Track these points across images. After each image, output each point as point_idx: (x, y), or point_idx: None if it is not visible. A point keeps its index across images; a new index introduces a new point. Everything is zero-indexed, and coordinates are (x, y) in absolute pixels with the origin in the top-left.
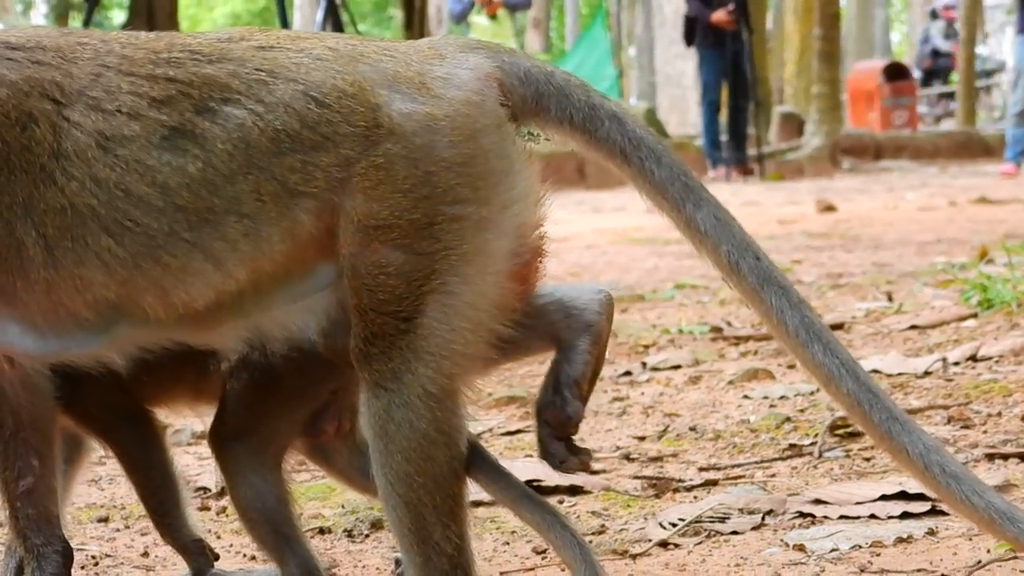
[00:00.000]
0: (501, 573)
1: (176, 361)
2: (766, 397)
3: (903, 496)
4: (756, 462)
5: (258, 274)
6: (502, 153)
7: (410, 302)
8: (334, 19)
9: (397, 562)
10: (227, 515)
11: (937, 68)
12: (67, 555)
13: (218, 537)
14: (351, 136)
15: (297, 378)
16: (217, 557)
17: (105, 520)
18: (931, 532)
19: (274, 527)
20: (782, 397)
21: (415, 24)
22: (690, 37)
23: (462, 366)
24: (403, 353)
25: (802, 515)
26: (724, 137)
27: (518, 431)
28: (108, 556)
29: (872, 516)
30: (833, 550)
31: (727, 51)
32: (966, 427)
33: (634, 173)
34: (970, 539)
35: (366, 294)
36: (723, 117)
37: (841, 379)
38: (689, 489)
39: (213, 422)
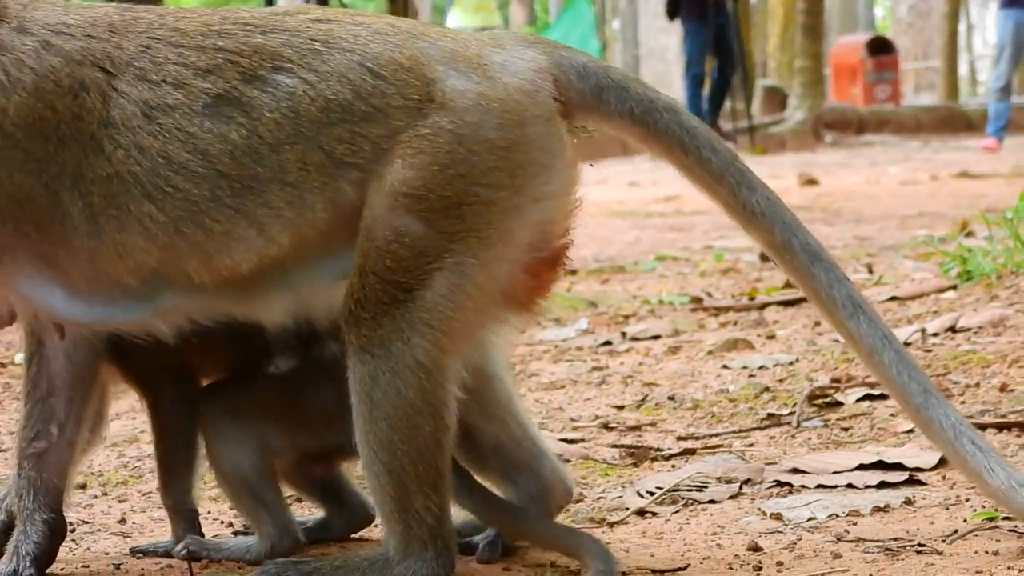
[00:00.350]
0: None
1: (228, 339)
2: (745, 367)
3: (880, 466)
4: (734, 431)
5: (301, 241)
6: (546, 147)
7: (414, 275)
8: None
9: None
10: (204, 483)
11: None
12: (56, 528)
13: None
14: (403, 108)
15: (325, 418)
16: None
17: (83, 487)
18: (908, 501)
19: (251, 491)
20: (761, 367)
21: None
22: (673, 11)
23: (458, 344)
24: (395, 322)
25: (780, 484)
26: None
27: None
28: (85, 523)
29: (849, 485)
30: (810, 519)
31: (710, 24)
32: (945, 397)
33: (691, 163)
34: (947, 508)
35: (374, 256)
36: (706, 91)
37: (884, 351)
38: (667, 458)
39: (212, 388)
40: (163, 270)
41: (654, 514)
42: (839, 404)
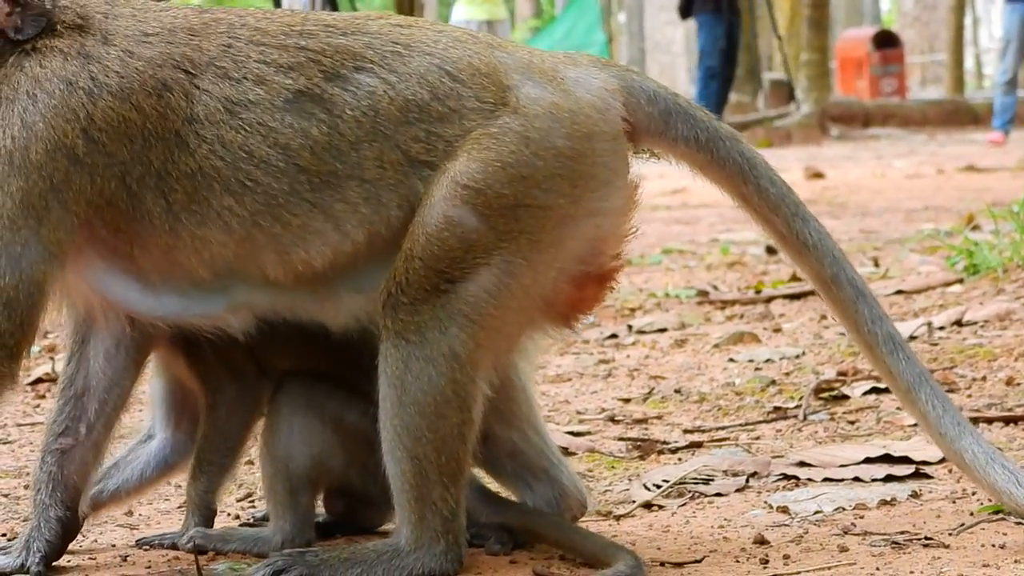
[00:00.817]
0: None
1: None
2: (751, 360)
3: (887, 459)
4: (741, 425)
5: (375, 239)
6: (610, 164)
7: (460, 267)
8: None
9: None
10: None
11: None
12: (69, 526)
13: None
14: (476, 110)
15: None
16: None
17: None
18: (915, 495)
19: (290, 484)
20: (767, 360)
21: None
22: (686, 10)
23: (493, 341)
24: (434, 311)
25: (786, 477)
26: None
27: None
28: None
29: (856, 479)
30: (817, 512)
31: (724, 16)
32: (951, 391)
33: (750, 192)
34: (953, 502)
35: (423, 241)
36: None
37: (921, 388)
38: (674, 451)
39: (314, 376)
40: (238, 264)
41: (660, 507)
42: (845, 397)
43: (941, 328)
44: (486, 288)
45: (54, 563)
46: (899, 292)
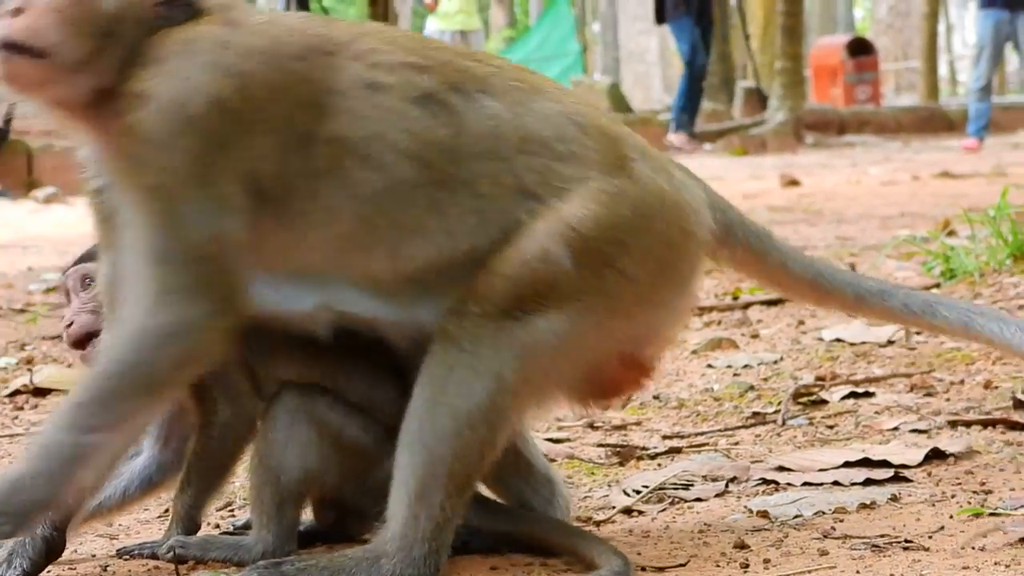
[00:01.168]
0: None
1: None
2: (730, 366)
3: (866, 463)
4: (720, 430)
5: (472, 256)
6: (691, 266)
7: (537, 302)
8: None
9: None
10: None
11: None
12: (54, 547)
13: None
14: (598, 163)
15: (381, 488)
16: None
17: None
18: (894, 498)
19: (279, 494)
20: (746, 366)
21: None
22: (660, 15)
23: (540, 383)
24: (497, 332)
25: (765, 482)
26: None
27: None
28: None
29: (835, 483)
30: (796, 516)
31: (693, 14)
32: (929, 395)
33: (792, 282)
34: (933, 505)
35: (515, 263)
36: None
37: (972, 321)
38: (653, 457)
39: (321, 390)
40: (351, 246)
41: (640, 512)
42: (824, 402)
43: (919, 332)
44: (554, 330)
45: None
46: None
